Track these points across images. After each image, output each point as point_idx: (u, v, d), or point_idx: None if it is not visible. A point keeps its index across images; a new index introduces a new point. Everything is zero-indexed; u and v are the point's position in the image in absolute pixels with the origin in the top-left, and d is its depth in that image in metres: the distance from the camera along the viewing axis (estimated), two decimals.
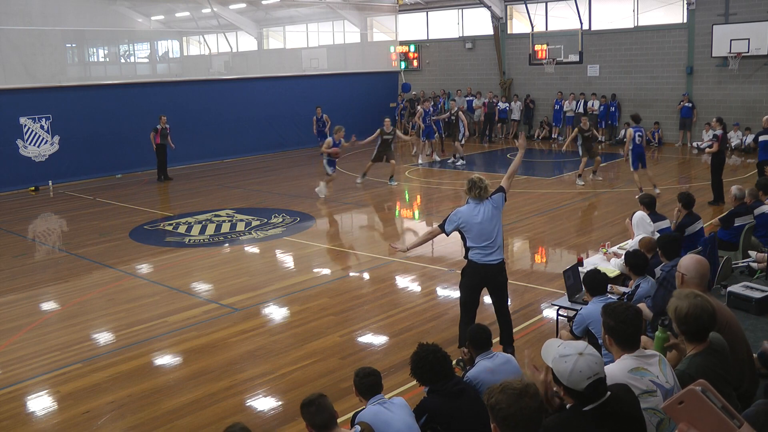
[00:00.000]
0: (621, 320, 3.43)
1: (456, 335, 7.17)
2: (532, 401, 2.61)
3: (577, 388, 2.84)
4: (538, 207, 13.63)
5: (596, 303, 5.39)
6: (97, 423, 5.77)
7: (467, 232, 6.36)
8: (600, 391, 2.88)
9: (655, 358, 3.42)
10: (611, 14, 22.33)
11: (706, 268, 4.20)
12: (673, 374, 3.41)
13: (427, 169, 19.25)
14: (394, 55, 27.62)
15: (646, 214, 7.61)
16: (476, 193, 6.28)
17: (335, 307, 8.31)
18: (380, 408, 4.10)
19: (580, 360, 2.84)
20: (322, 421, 3.68)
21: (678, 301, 3.50)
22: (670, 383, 3.33)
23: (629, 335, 3.42)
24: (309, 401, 3.72)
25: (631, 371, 3.32)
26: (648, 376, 3.30)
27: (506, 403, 2.59)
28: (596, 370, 2.85)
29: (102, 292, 9.27)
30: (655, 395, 3.24)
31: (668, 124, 21.64)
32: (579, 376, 2.83)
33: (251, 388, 6.30)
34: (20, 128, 17.55)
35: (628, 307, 3.51)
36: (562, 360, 2.88)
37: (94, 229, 12.91)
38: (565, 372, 2.86)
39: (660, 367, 3.36)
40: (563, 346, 2.96)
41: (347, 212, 14.32)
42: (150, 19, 25.55)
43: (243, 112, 21.67)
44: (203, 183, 17.80)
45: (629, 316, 3.44)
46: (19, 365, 6.97)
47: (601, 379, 2.87)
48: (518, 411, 2.58)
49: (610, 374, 3.31)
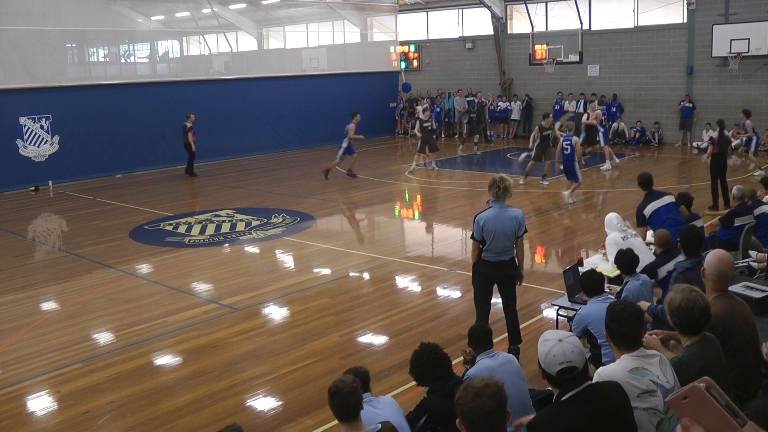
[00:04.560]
0: (614, 319, 3.49)
1: (457, 335, 7.19)
2: (489, 400, 2.68)
3: (550, 372, 3.03)
4: (538, 207, 13.64)
5: (594, 303, 5.38)
6: (97, 423, 5.77)
7: (485, 237, 6.30)
8: (574, 380, 3.02)
9: (655, 358, 3.45)
10: (611, 14, 22.33)
11: (726, 265, 4.11)
12: (673, 374, 3.43)
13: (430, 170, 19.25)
14: (394, 55, 27.63)
15: (616, 215, 7.51)
16: (495, 192, 6.23)
17: (335, 307, 8.31)
18: (367, 407, 4.11)
19: (557, 345, 3.03)
20: (342, 413, 3.67)
21: (673, 293, 3.60)
22: (671, 383, 3.35)
23: (623, 335, 3.46)
24: (335, 391, 3.64)
25: (631, 371, 3.35)
26: (648, 376, 3.34)
27: (464, 401, 2.70)
28: (570, 358, 3.01)
29: (102, 292, 9.27)
30: (656, 395, 3.28)
31: (668, 124, 21.64)
32: (553, 360, 3.01)
33: (251, 388, 6.29)
34: (20, 128, 17.55)
35: (625, 307, 3.53)
36: (543, 342, 3.08)
37: (94, 229, 12.91)
38: (542, 353, 3.06)
39: (660, 367, 3.40)
40: (550, 332, 3.15)
41: (347, 212, 14.33)
42: (150, 19, 25.57)
43: (243, 112, 21.67)
44: (203, 183, 17.81)
45: (624, 315, 3.48)
46: (19, 365, 6.97)
47: (574, 368, 3.01)
48: (474, 408, 2.67)
49: (609, 374, 3.38)
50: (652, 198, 7.95)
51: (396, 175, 18.12)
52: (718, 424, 1.70)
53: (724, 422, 1.69)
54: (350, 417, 3.68)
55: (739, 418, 1.71)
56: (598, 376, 3.44)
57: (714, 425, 1.70)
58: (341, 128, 17.03)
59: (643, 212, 7.91)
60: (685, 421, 1.73)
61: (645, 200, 7.99)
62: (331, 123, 24.48)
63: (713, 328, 3.89)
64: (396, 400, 4.86)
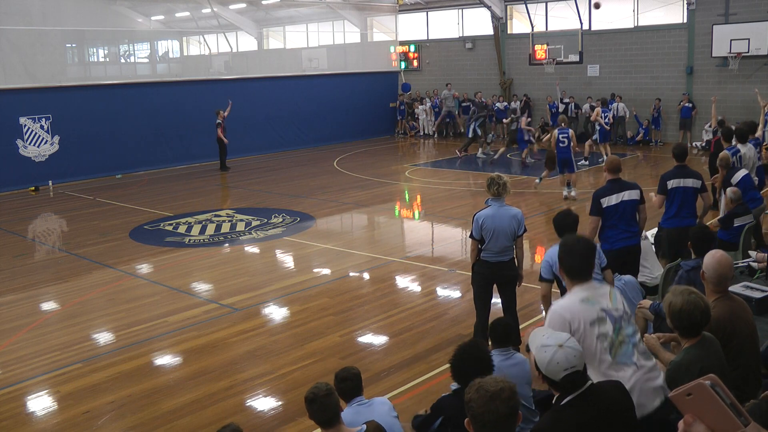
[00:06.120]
0: (567, 252, 3.60)
1: (457, 335, 7.19)
2: (503, 405, 2.60)
3: (554, 378, 2.98)
4: (538, 207, 13.64)
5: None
6: (97, 423, 5.77)
7: (485, 235, 6.29)
8: (577, 383, 2.99)
9: (605, 290, 3.67)
10: (611, 14, 22.32)
11: (724, 267, 4.10)
12: (624, 303, 3.65)
13: (431, 169, 19.24)
14: (394, 55, 27.63)
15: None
16: (494, 190, 6.21)
17: (335, 307, 8.31)
18: (359, 409, 4.10)
19: (558, 352, 2.97)
20: (323, 418, 3.70)
21: (673, 297, 3.59)
22: (620, 311, 3.58)
23: (575, 267, 3.58)
24: (312, 398, 3.69)
25: (582, 301, 3.53)
26: (598, 305, 3.54)
27: (477, 404, 2.61)
28: (573, 363, 2.97)
29: (102, 292, 9.27)
30: (606, 322, 3.51)
31: (668, 124, 21.64)
32: (556, 367, 2.96)
33: (251, 388, 6.30)
34: (20, 128, 17.55)
35: (578, 240, 3.64)
36: (542, 349, 3.02)
37: (94, 229, 12.91)
38: (543, 361, 2.99)
39: (611, 298, 3.61)
40: (547, 336, 3.09)
41: (347, 212, 14.32)
42: (150, 19, 25.57)
43: (243, 112, 21.66)
44: (203, 183, 17.80)
45: (577, 248, 3.58)
46: (19, 365, 6.97)
47: (579, 372, 2.98)
48: (487, 413, 2.59)
49: (562, 305, 3.58)
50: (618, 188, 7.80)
51: (396, 175, 18.12)
52: (721, 422, 1.68)
53: (727, 420, 1.68)
54: (331, 421, 3.69)
55: (743, 417, 1.70)
56: (552, 311, 3.58)
57: (717, 423, 1.68)
58: (341, 128, 17.06)
59: (666, 182, 7.75)
60: (687, 417, 1.72)
61: (673, 170, 7.77)
62: (331, 123, 24.54)
63: (714, 331, 3.88)
64: (396, 400, 4.88)
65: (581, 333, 3.45)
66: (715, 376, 1.78)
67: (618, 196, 6.70)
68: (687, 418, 1.73)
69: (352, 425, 3.86)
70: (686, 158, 7.94)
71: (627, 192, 6.75)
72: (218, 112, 19.11)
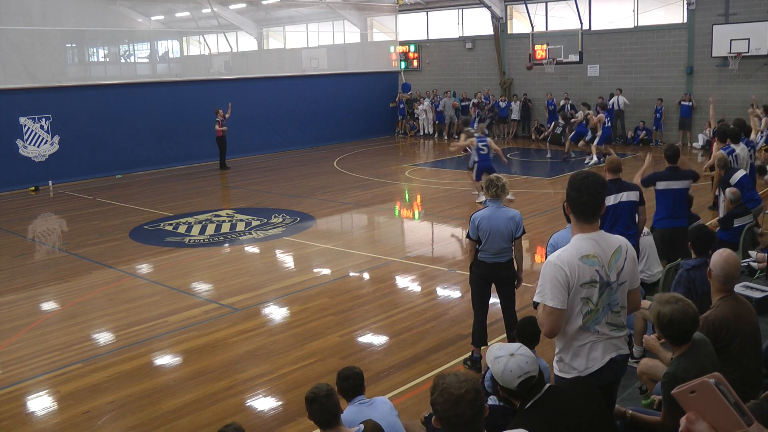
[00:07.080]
0: (575, 187, 3.36)
1: (457, 335, 7.19)
2: (468, 408, 2.51)
3: (510, 387, 3.05)
4: (538, 207, 13.63)
5: (567, 230, 5.08)
6: (97, 423, 5.77)
7: (481, 236, 6.29)
8: (534, 388, 3.05)
9: (612, 245, 3.41)
10: (611, 14, 22.32)
11: (732, 266, 4.07)
12: (622, 269, 3.42)
13: (431, 169, 19.24)
14: (394, 55, 27.63)
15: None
16: (493, 191, 6.22)
17: (335, 307, 8.31)
18: (361, 408, 4.11)
19: (510, 360, 3.06)
20: (322, 419, 3.71)
21: (660, 306, 3.48)
22: (612, 279, 3.38)
23: (584, 203, 3.36)
24: (313, 398, 3.71)
25: (582, 258, 3.34)
26: (595, 266, 3.34)
27: (442, 407, 2.53)
28: (526, 369, 3.03)
29: (102, 292, 9.27)
30: (595, 287, 3.34)
31: (668, 124, 21.64)
32: (510, 376, 3.04)
33: (251, 388, 6.30)
34: (20, 128, 17.55)
35: (588, 175, 3.39)
36: (495, 361, 3.09)
37: (94, 229, 12.91)
38: (498, 372, 3.07)
39: (613, 258, 3.39)
40: (498, 347, 3.16)
41: (347, 212, 14.32)
42: (150, 19, 25.58)
43: (243, 112, 21.68)
44: (203, 183, 17.80)
45: (586, 183, 3.34)
46: (19, 365, 6.98)
47: (532, 377, 3.04)
48: (453, 416, 2.52)
49: (561, 258, 3.35)
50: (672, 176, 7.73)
51: (396, 175, 18.12)
52: (724, 420, 1.67)
53: (730, 419, 1.67)
54: (331, 422, 3.70)
55: (746, 416, 1.69)
56: (552, 264, 3.34)
57: (720, 421, 1.67)
58: (341, 128, 17.06)
59: (656, 182, 7.73)
60: (690, 415, 1.70)
61: (665, 172, 7.76)
62: (331, 123, 24.54)
63: (717, 329, 3.88)
64: (396, 400, 4.89)
65: (573, 290, 3.34)
66: (719, 374, 1.77)
67: (616, 197, 6.69)
68: (690, 416, 1.72)
69: (353, 424, 3.86)
70: (678, 160, 7.93)
71: (626, 193, 6.74)
72: (218, 111, 19.19)
